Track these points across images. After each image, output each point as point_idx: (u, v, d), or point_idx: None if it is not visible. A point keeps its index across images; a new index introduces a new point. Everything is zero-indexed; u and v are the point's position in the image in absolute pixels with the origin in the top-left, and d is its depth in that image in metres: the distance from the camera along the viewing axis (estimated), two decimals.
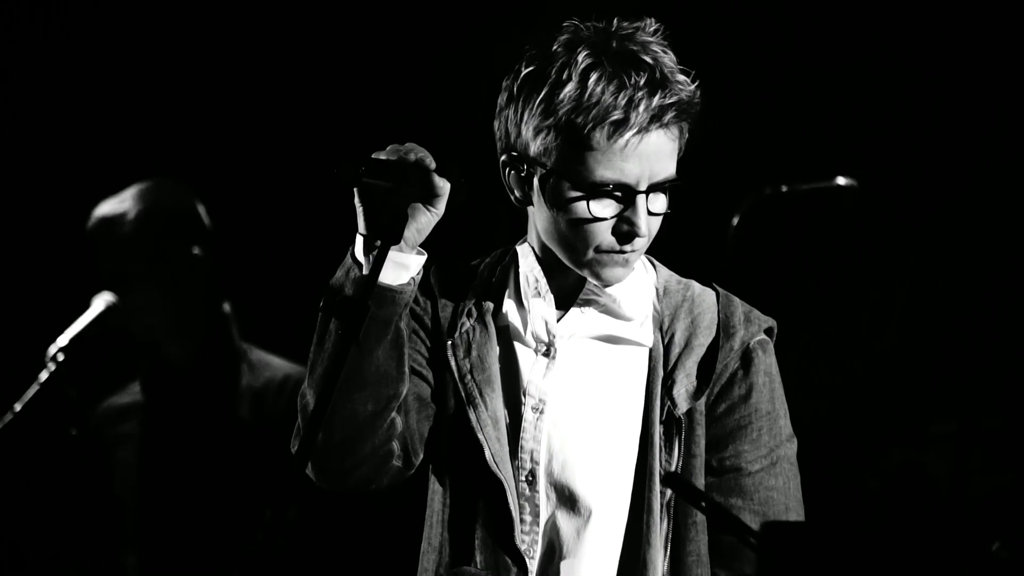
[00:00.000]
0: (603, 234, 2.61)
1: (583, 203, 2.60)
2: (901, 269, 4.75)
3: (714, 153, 4.48)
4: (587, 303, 2.70)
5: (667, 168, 2.60)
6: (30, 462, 4.36)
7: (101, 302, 3.99)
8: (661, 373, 2.67)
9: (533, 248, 2.72)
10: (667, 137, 2.59)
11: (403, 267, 2.55)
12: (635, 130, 2.55)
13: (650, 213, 2.61)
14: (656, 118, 2.56)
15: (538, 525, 2.67)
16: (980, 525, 3.49)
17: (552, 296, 2.70)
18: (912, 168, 4.80)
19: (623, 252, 2.62)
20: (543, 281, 2.70)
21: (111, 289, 4.14)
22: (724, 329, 2.69)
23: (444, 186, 2.55)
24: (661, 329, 2.70)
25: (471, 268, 2.80)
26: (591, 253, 2.62)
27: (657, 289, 2.74)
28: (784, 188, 3.93)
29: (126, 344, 4.20)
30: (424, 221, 2.55)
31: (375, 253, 2.50)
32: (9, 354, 4.48)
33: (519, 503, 2.66)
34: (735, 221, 3.86)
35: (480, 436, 2.63)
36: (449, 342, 2.71)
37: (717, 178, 4.39)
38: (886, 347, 4.73)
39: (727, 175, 4.38)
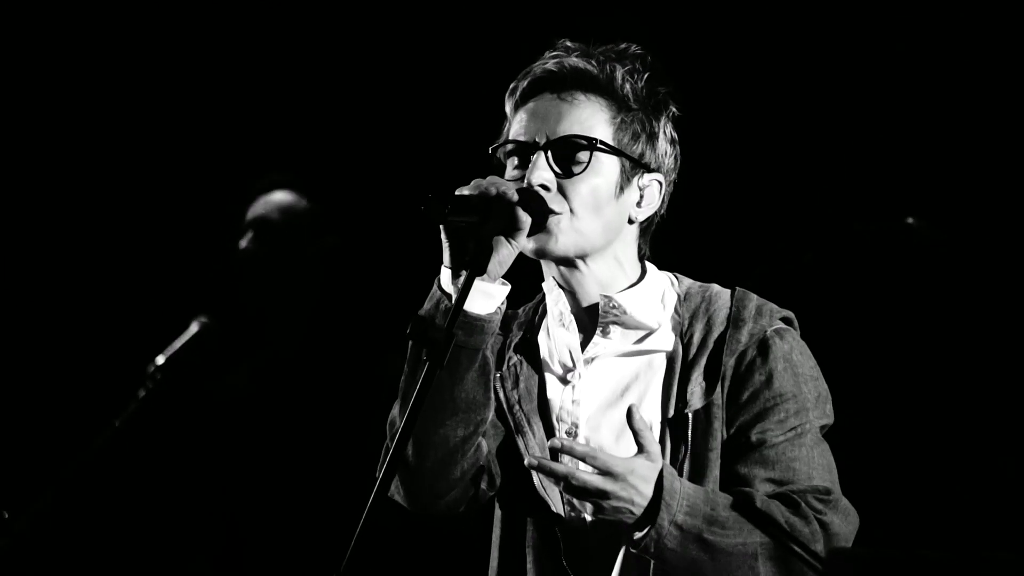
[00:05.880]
0: None
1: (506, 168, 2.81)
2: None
3: (787, 191, 4.49)
4: (607, 325, 2.79)
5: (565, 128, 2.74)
6: (132, 473, 4.47)
7: (198, 324, 4.10)
8: (678, 374, 2.75)
9: (554, 276, 2.83)
10: (566, 102, 2.76)
11: (490, 297, 2.66)
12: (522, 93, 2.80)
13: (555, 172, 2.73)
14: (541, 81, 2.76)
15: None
16: None
17: (575, 324, 2.80)
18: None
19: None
20: (567, 312, 2.81)
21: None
22: (734, 322, 2.76)
23: (526, 219, 2.68)
24: (681, 333, 2.78)
25: (516, 310, 2.91)
26: None
27: (679, 295, 2.83)
28: (855, 226, 3.93)
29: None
30: (506, 253, 2.68)
31: (461, 284, 2.60)
32: (111, 372, 4.59)
33: (565, 525, 2.76)
34: (807, 257, 3.86)
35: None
36: (498, 375, 2.82)
37: (789, 216, 4.40)
38: None
39: (799, 213, 4.39)
